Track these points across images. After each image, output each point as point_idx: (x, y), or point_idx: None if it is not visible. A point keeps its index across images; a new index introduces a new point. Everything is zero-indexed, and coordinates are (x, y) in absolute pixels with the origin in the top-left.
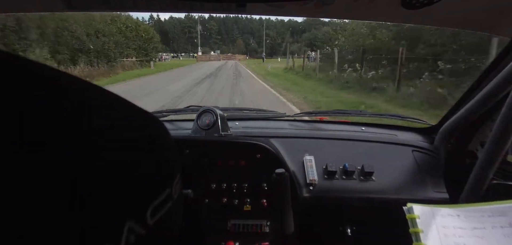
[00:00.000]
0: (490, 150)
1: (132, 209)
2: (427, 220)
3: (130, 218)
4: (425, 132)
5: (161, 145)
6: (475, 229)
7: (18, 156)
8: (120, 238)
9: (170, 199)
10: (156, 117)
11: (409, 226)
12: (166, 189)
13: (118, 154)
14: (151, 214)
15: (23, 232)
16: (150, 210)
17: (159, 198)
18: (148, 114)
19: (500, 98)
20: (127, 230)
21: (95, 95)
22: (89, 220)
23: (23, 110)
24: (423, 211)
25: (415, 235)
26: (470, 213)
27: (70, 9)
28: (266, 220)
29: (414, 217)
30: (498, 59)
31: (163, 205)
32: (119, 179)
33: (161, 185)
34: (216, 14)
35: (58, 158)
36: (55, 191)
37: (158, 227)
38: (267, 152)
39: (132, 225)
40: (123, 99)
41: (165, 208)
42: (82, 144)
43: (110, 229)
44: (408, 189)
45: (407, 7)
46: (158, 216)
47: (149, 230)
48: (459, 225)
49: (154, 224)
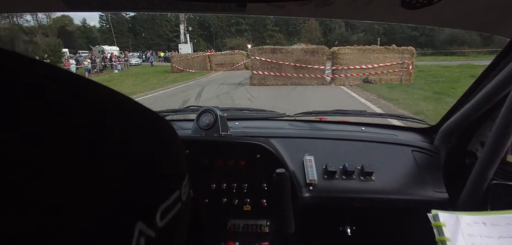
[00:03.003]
0: (490, 150)
1: (142, 211)
2: (453, 228)
3: (141, 220)
4: (425, 132)
5: (170, 146)
6: (502, 238)
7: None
8: (130, 241)
9: (179, 201)
10: (165, 119)
11: (435, 235)
12: (176, 191)
13: (127, 155)
14: (161, 216)
15: (34, 234)
16: (160, 212)
17: (169, 200)
18: (157, 115)
19: (500, 98)
20: (137, 233)
21: (106, 96)
22: (99, 221)
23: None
24: (449, 218)
25: (442, 243)
26: (496, 220)
27: (70, 9)
28: (266, 220)
29: (440, 225)
30: (498, 59)
31: (172, 207)
32: (129, 181)
33: (170, 187)
34: (216, 14)
35: (67, 158)
36: (64, 193)
37: (168, 229)
38: (267, 152)
39: (142, 227)
40: (132, 100)
41: (175, 210)
42: (92, 146)
43: (120, 232)
44: (408, 189)
45: (407, 7)
46: (167, 218)
47: (159, 232)
48: (486, 234)
49: (163, 227)
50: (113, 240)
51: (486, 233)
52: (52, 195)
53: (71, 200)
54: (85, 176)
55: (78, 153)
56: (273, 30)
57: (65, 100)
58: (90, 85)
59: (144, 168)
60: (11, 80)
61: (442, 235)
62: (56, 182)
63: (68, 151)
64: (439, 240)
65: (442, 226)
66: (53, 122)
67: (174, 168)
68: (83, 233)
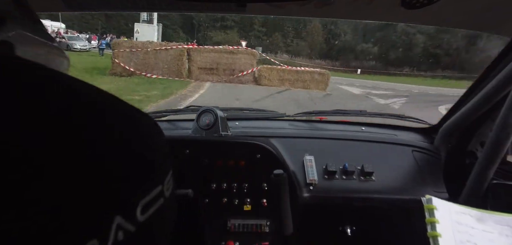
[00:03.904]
0: (490, 150)
1: (120, 205)
2: (444, 213)
3: (119, 214)
4: (425, 132)
5: (150, 142)
6: (485, 232)
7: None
8: (108, 234)
9: (161, 196)
10: (147, 114)
11: (426, 216)
12: (158, 186)
13: (105, 149)
14: (142, 211)
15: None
16: (140, 207)
17: (150, 195)
18: (139, 111)
19: (500, 98)
20: (115, 227)
21: (84, 90)
22: (73, 215)
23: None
24: (441, 204)
25: (431, 225)
26: (482, 216)
27: (70, 9)
28: (266, 220)
29: (432, 207)
30: (498, 59)
31: (154, 202)
32: (106, 174)
33: (151, 182)
34: (216, 14)
35: (42, 151)
36: (37, 184)
37: (149, 224)
38: (267, 152)
39: (121, 221)
40: (112, 96)
41: (157, 205)
42: (69, 139)
43: (97, 225)
44: (408, 189)
45: (407, 7)
46: (148, 213)
47: (139, 226)
48: (472, 225)
49: (144, 221)
50: (89, 234)
51: (473, 225)
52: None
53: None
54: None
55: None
56: (260, 30)
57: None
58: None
59: (121, 162)
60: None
61: (433, 217)
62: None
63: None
64: (429, 221)
65: (434, 209)
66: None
67: (156, 163)
68: (55, 226)
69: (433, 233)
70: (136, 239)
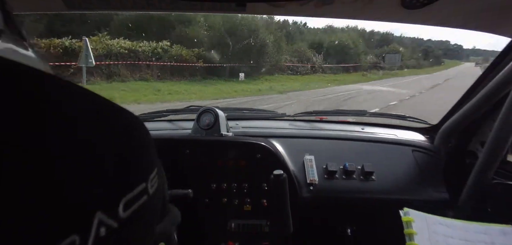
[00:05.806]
0: (490, 150)
1: (101, 201)
2: (421, 224)
3: (100, 210)
4: (425, 132)
5: (134, 140)
6: (461, 240)
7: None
8: (89, 230)
9: (145, 193)
10: (132, 113)
11: (404, 228)
12: (141, 183)
13: (86, 145)
14: (124, 208)
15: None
16: (123, 203)
17: (133, 192)
18: (124, 110)
19: (500, 98)
20: (97, 222)
21: (63, 87)
22: (51, 210)
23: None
24: (418, 215)
25: (409, 236)
26: (458, 225)
27: (70, 9)
28: (266, 220)
29: (409, 220)
30: (498, 59)
31: (137, 199)
32: (88, 170)
33: (135, 179)
34: (216, 14)
35: (19, 148)
36: (17, 178)
37: (132, 220)
38: (267, 152)
39: (102, 217)
40: (90, 92)
41: (140, 202)
42: (45, 136)
43: (76, 221)
44: (408, 189)
45: (407, 7)
46: (131, 210)
47: (121, 223)
48: (449, 234)
49: (127, 218)
50: (68, 229)
51: (450, 234)
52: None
53: (24, 192)
54: (37, 168)
55: (31, 144)
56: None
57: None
58: (48, 77)
59: (104, 158)
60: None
61: (411, 229)
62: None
63: (22, 144)
64: (407, 233)
65: (411, 221)
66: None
67: (138, 160)
68: (33, 221)
69: (411, 244)
70: (119, 236)
